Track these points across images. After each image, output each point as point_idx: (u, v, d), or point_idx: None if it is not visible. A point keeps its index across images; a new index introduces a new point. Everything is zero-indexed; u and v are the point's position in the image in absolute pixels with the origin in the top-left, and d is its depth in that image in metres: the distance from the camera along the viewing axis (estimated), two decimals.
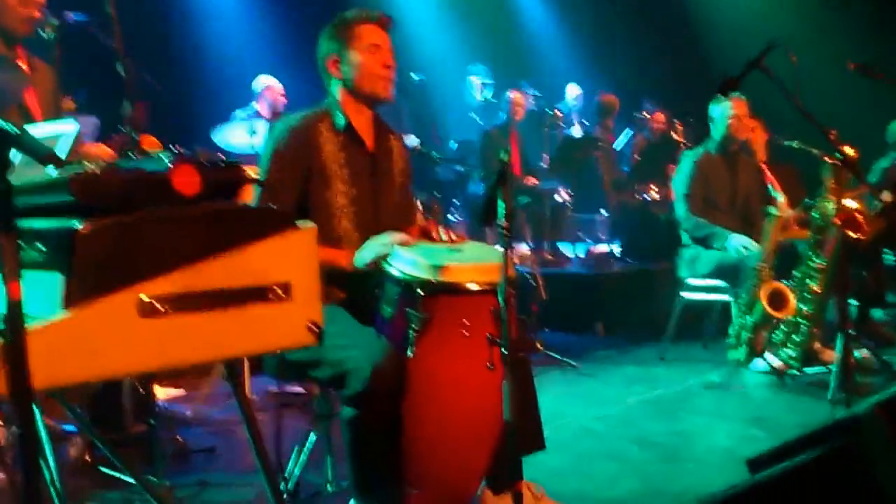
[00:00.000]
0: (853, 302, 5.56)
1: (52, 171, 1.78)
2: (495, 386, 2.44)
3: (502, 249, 2.52)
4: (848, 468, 2.09)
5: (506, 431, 2.47)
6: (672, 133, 8.49)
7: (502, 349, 2.43)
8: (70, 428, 3.78)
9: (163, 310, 1.75)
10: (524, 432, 2.84)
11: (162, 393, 4.62)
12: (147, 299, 1.73)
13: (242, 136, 6.00)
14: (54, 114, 3.85)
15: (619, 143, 9.12)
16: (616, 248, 7.75)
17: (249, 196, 3.33)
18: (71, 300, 1.67)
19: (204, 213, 1.86)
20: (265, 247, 1.91)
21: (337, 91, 3.06)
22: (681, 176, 5.51)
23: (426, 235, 3.05)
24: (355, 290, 2.91)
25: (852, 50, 7.35)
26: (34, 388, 1.55)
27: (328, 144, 2.98)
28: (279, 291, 1.91)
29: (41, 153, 1.59)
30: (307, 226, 2.00)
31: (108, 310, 1.70)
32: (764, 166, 5.81)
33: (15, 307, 1.52)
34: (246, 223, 1.91)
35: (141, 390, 3.67)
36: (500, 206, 2.51)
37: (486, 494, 2.90)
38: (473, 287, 2.66)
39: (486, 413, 2.65)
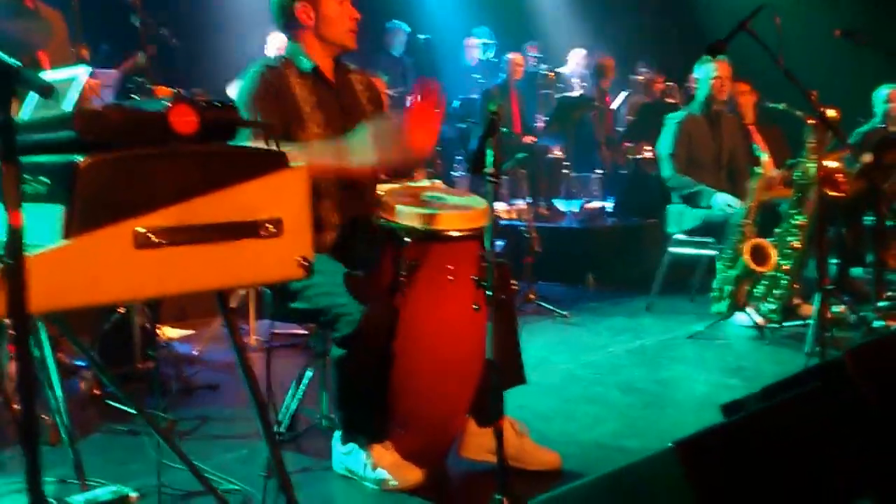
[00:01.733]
0: (833, 260, 5.74)
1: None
2: (479, 327, 2.56)
3: (488, 197, 2.64)
4: (814, 410, 2.26)
5: (489, 369, 2.64)
6: (667, 96, 8.64)
7: (486, 291, 2.57)
8: (81, 363, 3.98)
9: (157, 241, 1.82)
10: (505, 368, 2.97)
11: (171, 332, 4.81)
12: (143, 231, 1.81)
13: None
14: (68, 60, 3.98)
15: (615, 103, 9.25)
16: (609, 205, 7.92)
17: None
18: (70, 230, 1.75)
19: (200, 151, 1.94)
20: (258, 184, 1.98)
21: (301, 38, 3.14)
22: (665, 137, 5.68)
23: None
24: (344, 236, 3.06)
25: (846, 17, 7.46)
26: (33, 310, 1.63)
27: (298, 88, 3.07)
28: (271, 227, 1.99)
29: (38, 86, 1.65)
30: (299, 165, 2.08)
31: (105, 239, 1.78)
32: (752, 128, 5.95)
33: (15, 233, 1.59)
34: (240, 162, 2.00)
35: (148, 325, 3.85)
36: (489, 156, 2.61)
37: (471, 427, 3.06)
38: (458, 234, 2.81)
39: (469, 353, 2.80)
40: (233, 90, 6.00)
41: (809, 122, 4.77)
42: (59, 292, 1.75)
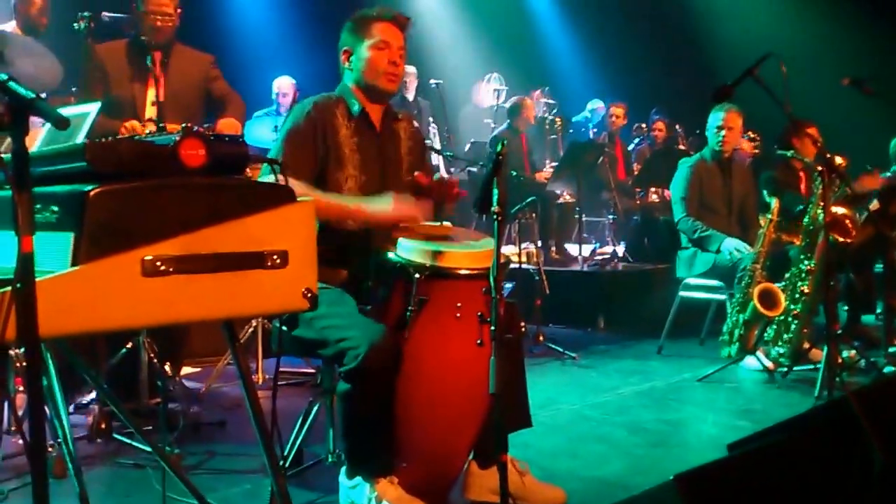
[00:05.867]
0: (844, 307, 5.74)
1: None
2: (484, 365, 2.54)
3: (495, 236, 2.66)
4: (819, 446, 2.27)
5: (491, 404, 2.64)
6: (679, 143, 8.72)
7: (491, 326, 2.57)
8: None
9: (165, 269, 1.86)
10: (511, 409, 3.00)
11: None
12: (150, 259, 1.85)
13: (266, 132, 6.23)
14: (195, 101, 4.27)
15: (629, 150, 9.37)
16: (620, 250, 7.96)
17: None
18: (79, 257, 1.79)
19: (208, 183, 2.00)
20: (265, 217, 2.03)
21: (348, 80, 3.24)
22: (678, 181, 5.78)
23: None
24: (357, 272, 3.09)
25: (856, 65, 7.52)
26: (41, 333, 1.66)
27: (343, 128, 3.15)
28: (276, 259, 2.03)
29: (52, 116, 1.70)
30: (306, 200, 2.13)
31: (114, 267, 1.82)
32: (802, 174, 5.97)
33: (26, 259, 1.64)
34: (248, 195, 2.04)
35: (156, 361, 3.88)
36: (495, 194, 2.64)
37: (473, 468, 3.06)
38: (467, 272, 2.84)
39: (475, 391, 2.78)
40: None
41: (818, 168, 4.81)
42: (66, 317, 1.78)
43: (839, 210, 4.99)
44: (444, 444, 2.91)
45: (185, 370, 4.85)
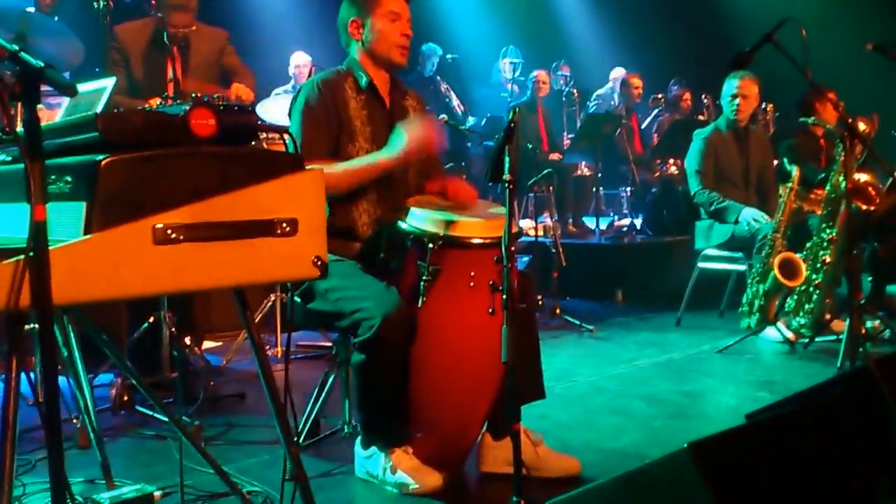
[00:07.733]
0: (867, 276, 5.66)
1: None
2: (497, 334, 2.54)
3: (506, 204, 2.64)
4: (839, 414, 2.25)
5: (504, 372, 2.65)
6: (703, 112, 8.63)
7: (502, 294, 2.57)
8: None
9: (175, 237, 1.88)
10: (524, 381, 2.99)
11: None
12: (161, 227, 1.86)
13: (285, 109, 6.22)
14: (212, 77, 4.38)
15: (645, 122, 9.29)
16: (638, 222, 7.93)
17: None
18: (91, 225, 1.81)
19: (217, 152, 2.00)
20: (274, 185, 2.04)
21: (356, 52, 3.25)
22: (692, 153, 5.70)
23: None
24: (370, 243, 3.10)
25: (880, 30, 7.40)
26: (55, 301, 1.68)
27: (352, 101, 3.17)
28: (286, 227, 2.04)
29: (61, 85, 1.72)
30: (315, 168, 2.13)
31: (125, 235, 1.83)
32: (822, 141, 5.90)
33: (39, 227, 1.65)
34: (257, 163, 2.05)
35: (174, 330, 3.91)
36: (507, 163, 2.62)
37: (487, 440, 3.07)
38: (480, 241, 2.84)
39: (488, 361, 2.76)
40: (259, 111, 6.12)
41: (841, 134, 4.74)
42: (79, 285, 1.80)
43: (862, 177, 4.91)
44: (458, 414, 2.93)
45: (206, 344, 4.90)
